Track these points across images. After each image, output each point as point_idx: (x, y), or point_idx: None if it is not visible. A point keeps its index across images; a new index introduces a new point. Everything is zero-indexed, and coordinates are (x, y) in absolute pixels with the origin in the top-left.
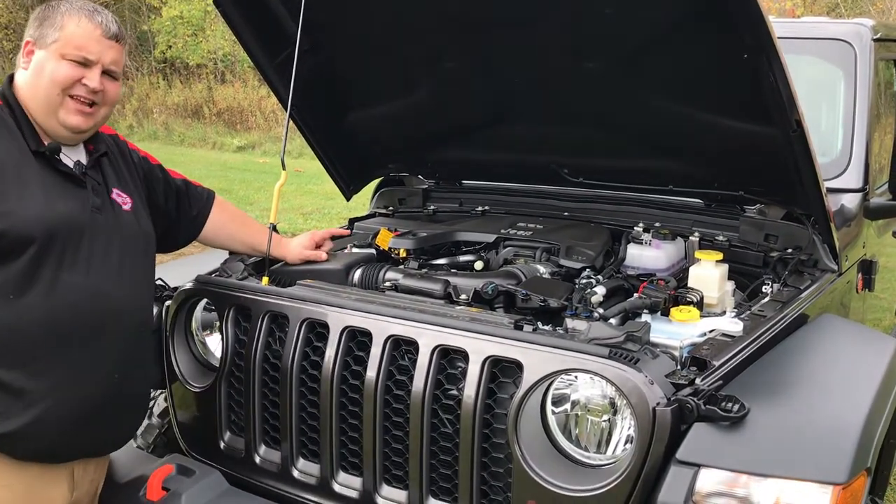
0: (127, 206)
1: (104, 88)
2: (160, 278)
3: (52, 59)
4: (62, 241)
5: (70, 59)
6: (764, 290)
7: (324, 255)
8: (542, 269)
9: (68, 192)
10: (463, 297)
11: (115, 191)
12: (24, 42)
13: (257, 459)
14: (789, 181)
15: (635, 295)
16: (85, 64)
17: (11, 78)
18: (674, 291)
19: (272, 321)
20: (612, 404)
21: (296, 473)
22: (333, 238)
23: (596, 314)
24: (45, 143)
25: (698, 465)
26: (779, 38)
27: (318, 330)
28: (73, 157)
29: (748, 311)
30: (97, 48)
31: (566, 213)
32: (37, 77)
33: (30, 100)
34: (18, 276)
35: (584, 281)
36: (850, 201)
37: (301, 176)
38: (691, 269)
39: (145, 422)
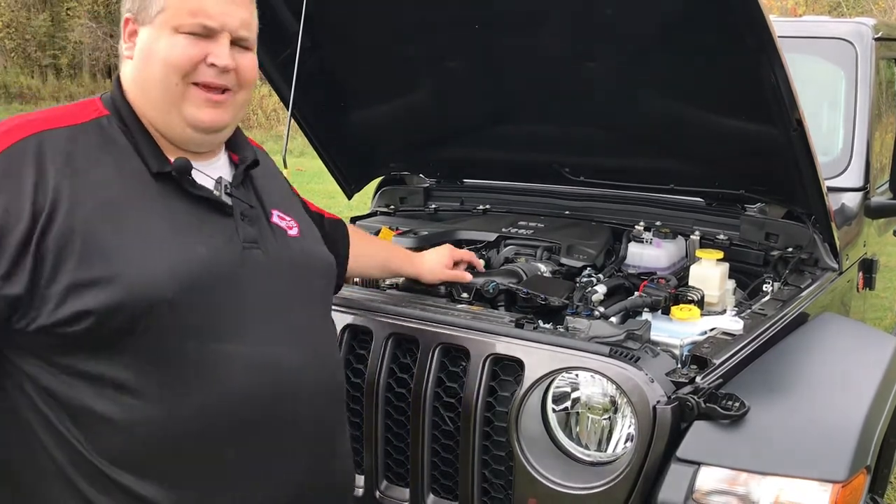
0: (293, 231)
1: (236, 65)
2: None
3: (162, 37)
4: (207, 299)
5: (186, 32)
6: (764, 288)
7: (468, 277)
8: (543, 268)
9: (208, 225)
10: (464, 295)
11: (275, 213)
12: (123, 21)
13: None
14: (790, 180)
15: (636, 293)
16: (207, 35)
17: (118, 77)
18: (674, 290)
19: None
20: (613, 402)
21: None
22: (470, 268)
23: (597, 313)
24: (171, 160)
25: (698, 464)
26: (780, 37)
27: None
28: (211, 173)
29: (749, 310)
30: (218, 9)
31: (567, 212)
32: (146, 64)
33: (141, 98)
34: (149, 360)
35: (584, 279)
36: (851, 200)
37: (302, 175)
38: (692, 267)
39: None
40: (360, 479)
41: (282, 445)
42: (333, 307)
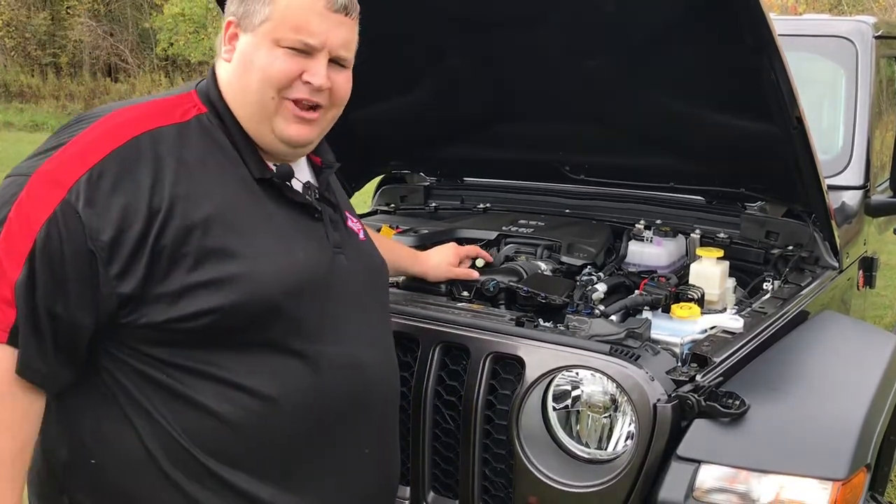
0: (362, 235)
1: (331, 84)
2: None
3: (262, 48)
4: (307, 302)
5: (286, 47)
6: (765, 286)
7: (475, 274)
8: (544, 266)
9: (303, 230)
10: (465, 293)
11: (348, 215)
12: (225, 23)
13: None
14: (790, 178)
15: (636, 292)
16: (306, 52)
17: (214, 73)
18: (675, 288)
19: None
20: (613, 400)
21: None
22: (474, 263)
23: (597, 311)
24: (271, 165)
25: (699, 462)
26: (780, 35)
27: None
28: (300, 177)
29: (749, 308)
30: (321, 27)
31: (567, 211)
32: (243, 72)
33: (235, 103)
34: (255, 358)
35: (585, 278)
36: (851, 198)
37: None
38: (692, 266)
39: None
40: None
41: (365, 444)
42: None
